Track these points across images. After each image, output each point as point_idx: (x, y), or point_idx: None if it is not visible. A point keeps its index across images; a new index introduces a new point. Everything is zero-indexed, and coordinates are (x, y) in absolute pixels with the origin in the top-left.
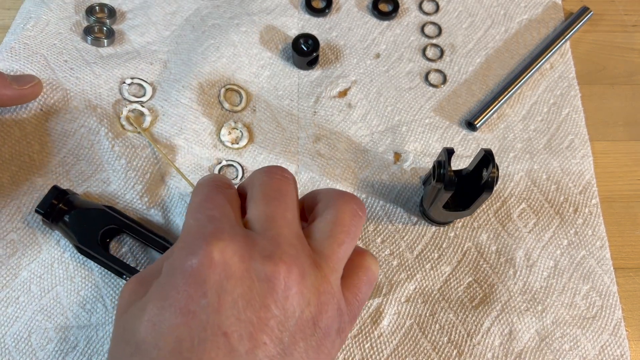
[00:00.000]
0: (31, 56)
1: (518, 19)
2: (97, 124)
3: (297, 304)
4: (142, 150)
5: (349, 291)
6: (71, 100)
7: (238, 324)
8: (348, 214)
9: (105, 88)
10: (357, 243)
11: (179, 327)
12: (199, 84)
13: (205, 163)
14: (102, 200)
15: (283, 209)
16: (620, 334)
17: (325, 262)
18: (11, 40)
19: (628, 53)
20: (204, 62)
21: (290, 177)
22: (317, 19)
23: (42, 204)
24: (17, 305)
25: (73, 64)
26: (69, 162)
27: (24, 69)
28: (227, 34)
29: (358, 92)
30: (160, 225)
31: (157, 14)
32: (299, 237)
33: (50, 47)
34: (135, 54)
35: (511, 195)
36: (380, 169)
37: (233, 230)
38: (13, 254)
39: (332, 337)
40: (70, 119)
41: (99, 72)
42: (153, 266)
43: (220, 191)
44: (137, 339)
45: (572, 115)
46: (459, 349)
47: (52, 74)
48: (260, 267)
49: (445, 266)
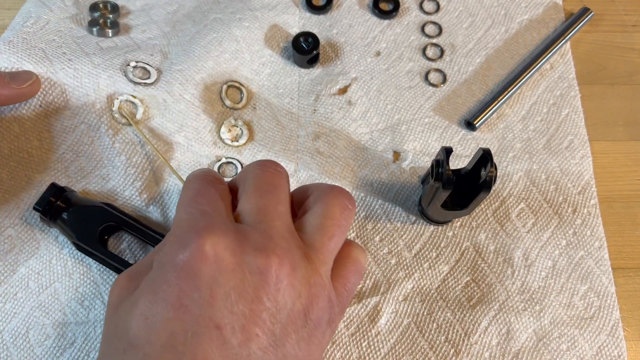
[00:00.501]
0: (29, 49)
1: (518, 19)
2: (97, 120)
3: (289, 296)
4: (142, 147)
5: (338, 282)
6: (70, 96)
7: (230, 316)
8: (338, 208)
9: (104, 77)
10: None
11: (171, 321)
12: (201, 79)
13: (205, 160)
14: (100, 197)
15: (275, 202)
16: (618, 335)
17: (316, 254)
18: (9, 35)
19: (628, 53)
20: (207, 57)
21: (283, 171)
22: (318, 16)
23: (40, 201)
24: (15, 301)
25: (72, 55)
26: (68, 158)
27: (21, 62)
28: (230, 29)
29: (358, 89)
30: (159, 222)
31: (159, 14)
32: (290, 230)
33: (49, 42)
34: (135, 46)
35: (510, 195)
36: (379, 168)
37: (225, 225)
38: (11, 250)
39: (322, 327)
40: (69, 115)
41: (98, 62)
42: (143, 261)
43: (211, 185)
44: (129, 335)
45: (572, 116)
46: (456, 348)
47: (50, 65)
48: (252, 260)
49: (443, 265)
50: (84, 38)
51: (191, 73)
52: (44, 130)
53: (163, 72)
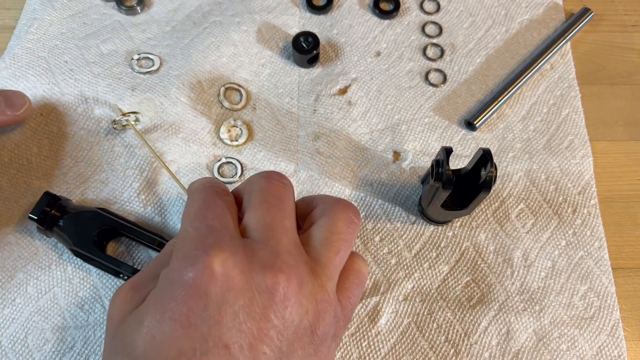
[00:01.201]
0: (33, 61)
1: (519, 19)
2: (97, 126)
3: (296, 313)
4: (140, 149)
5: (343, 295)
6: (70, 104)
7: (239, 335)
8: (344, 222)
9: (103, 85)
10: (356, 242)
11: (180, 340)
12: (198, 82)
13: (204, 160)
14: (98, 201)
15: (282, 217)
16: (618, 335)
17: (322, 270)
18: (15, 46)
19: (628, 53)
20: (204, 61)
21: (288, 183)
22: (318, 16)
23: (34, 210)
24: (14, 306)
25: (73, 65)
26: (67, 164)
27: (25, 75)
28: (228, 33)
29: (358, 89)
30: (157, 224)
31: (160, 12)
32: (296, 246)
33: (52, 50)
34: (135, 48)
35: (510, 196)
36: (379, 168)
37: (233, 242)
38: (9, 255)
39: (328, 342)
40: (69, 122)
41: (97, 72)
42: (146, 271)
43: (219, 197)
44: (136, 352)
45: (572, 116)
46: (456, 348)
47: (52, 77)
48: (260, 278)
49: (443, 265)
50: (85, 40)
51: (189, 77)
52: (43, 138)
53: (161, 77)
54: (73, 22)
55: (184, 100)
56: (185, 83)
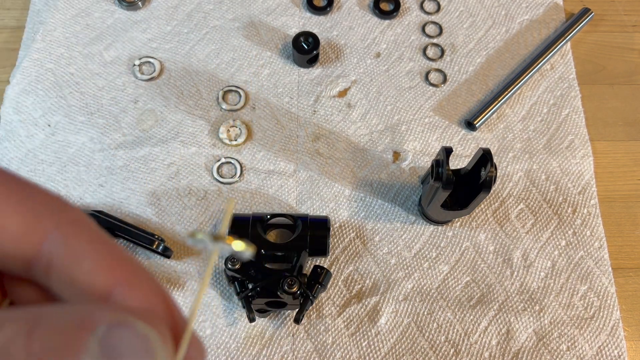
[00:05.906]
0: (41, 74)
1: (519, 20)
2: (100, 135)
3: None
4: (139, 152)
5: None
6: (76, 114)
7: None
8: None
9: (107, 98)
10: (356, 242)
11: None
12: (197, 91)
13: (203, 161)
14: (96, 202)
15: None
16: (618, 335)
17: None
18: (23, 57)
19: (628, 53)
20: (204, 69)
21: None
22: (318, 17)
23: None
24: None
25: (79, 77)
26: (69, 169)
27: (35, 90)
28: (228, 39)
29: (358, 91)
30: (156, 223)
31: (160, 8)
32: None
33: (57, 59)
34: (136, 52)
35: (510, 196)
36: (379, 168)
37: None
38: None
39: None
40: (74, 130)
41: (102, 85)
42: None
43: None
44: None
45: (572, 116)
46: (456, 348)
47: (60, 90)
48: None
49: (443, 265)
50: (89, 47)
51: (188, 87)
52: (47, 145)
53: (160, 85)
54: (76, 24)
55: (182, 108)
56: (185, 92)
